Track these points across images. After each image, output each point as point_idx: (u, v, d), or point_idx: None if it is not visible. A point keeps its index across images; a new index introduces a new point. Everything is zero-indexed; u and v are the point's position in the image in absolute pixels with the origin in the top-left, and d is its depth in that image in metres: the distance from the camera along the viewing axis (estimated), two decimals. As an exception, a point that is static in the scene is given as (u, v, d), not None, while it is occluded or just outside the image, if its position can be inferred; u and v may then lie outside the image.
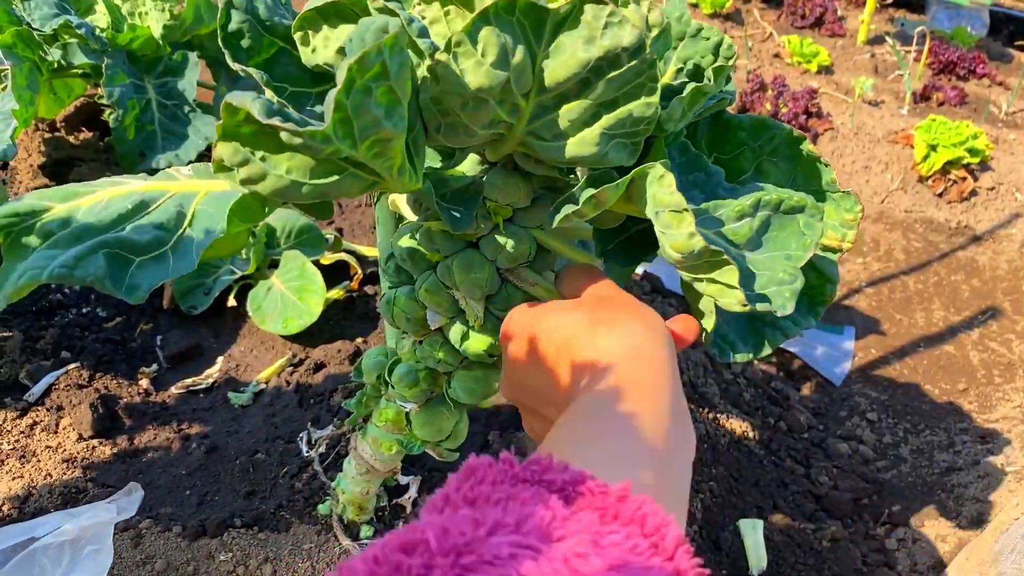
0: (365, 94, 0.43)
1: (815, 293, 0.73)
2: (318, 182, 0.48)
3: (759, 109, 3.07)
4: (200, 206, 0.63)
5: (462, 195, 0.64)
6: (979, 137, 2.85)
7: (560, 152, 0.56)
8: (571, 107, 0.53)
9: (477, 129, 0.55)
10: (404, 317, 0.75)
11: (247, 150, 0.46)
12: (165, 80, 1.84)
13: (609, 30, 0.48)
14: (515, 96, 0.52)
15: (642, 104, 0.53)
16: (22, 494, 1.12)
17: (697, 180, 0.67)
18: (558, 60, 0.50)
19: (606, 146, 0.55)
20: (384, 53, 0.43)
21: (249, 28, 0.61)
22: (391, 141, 0.47)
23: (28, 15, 1.66)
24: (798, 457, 1.69)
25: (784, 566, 1.38)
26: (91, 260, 0.58)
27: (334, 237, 1.73)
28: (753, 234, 0.58)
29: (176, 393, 1.42)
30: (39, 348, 1.42)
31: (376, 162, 0.48)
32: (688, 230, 0.52)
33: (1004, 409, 1.99)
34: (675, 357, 0.57)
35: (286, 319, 1.51)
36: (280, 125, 0.42)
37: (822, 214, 0.58)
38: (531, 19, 0.48)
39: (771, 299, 0.55)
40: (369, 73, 0.43)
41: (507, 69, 0.50)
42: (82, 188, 0.66)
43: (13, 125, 1.51)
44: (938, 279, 2.58)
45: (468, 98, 0.51)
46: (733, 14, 4.06)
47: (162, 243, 0.61)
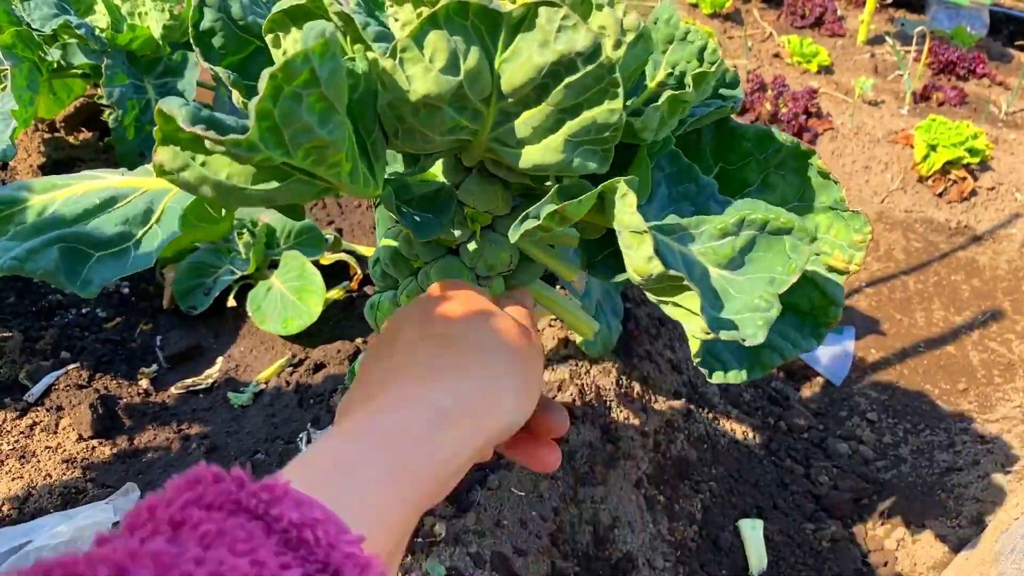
0: (295, 101, 0.42)
1: (819, 315, 0.70)
2: (261, 187, 0.47)
3: (759, 109, 3.07)
4: (171, 203, 0.63)
5: (431, 201, 0.63)
6: (979, 137, 2.85)
7: (525, 159, 0.55)
8: (532, 113, 0.52)
9: (434, 136, 0.54)
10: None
11: (187, 154, 0.45)
12: (165, 80, 1.84)
13: (563, 34, 0.46)
14: (472, 102, 0.50)
15: (605, 110, 0.51)
16: (22, 494, 1.11)
17: (687, 192, 0.65)
18: (514, 64, 0.48)
19: (572, 153, 0.54)
20: (312, 60, 0.41)
21: (222, 27, 0.60)
22: (327, 148, 0.46)
23: (28, 15, 1.66)
24: (798, 457, 1.69)
25: (784, 566, 1.38)
26: (44, 254, 0.58)
27: (334, 237, 1.73)
28: (736, 254, 0.56)
29: (176, 393, 1.42)
30: (39, 348, 1.42)
31: (319, 168, 0.47)
32: (647, 253, 0.50)
33: (1004, 409, 1.99)
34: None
35: (286, 319, 1.51)
36: (201, 133, 0.41)
37: (811, 237, 0.55)
38: (486, 23, 0.47)
39: (740, 326, 0.52)
40: (297, 80, 0.41)
41: (458, 74, 0.48)
42: (61, 180, 0.65)
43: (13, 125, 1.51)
44: (938, 279, 2.58)
45: (418, 105, 0.50)
46: (733, 14, 4.06)
47: (125, 238, 0.61)
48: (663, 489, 1.38)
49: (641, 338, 1.60)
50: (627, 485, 1.29)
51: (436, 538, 1.01)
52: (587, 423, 1.29)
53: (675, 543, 1.31)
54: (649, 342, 1.62)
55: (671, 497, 1.39)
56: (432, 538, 1.01)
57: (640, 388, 1.46)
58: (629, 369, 1.47)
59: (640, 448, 1.36)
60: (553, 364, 1.37)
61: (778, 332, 0.70)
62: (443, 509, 1.07)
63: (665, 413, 1.48)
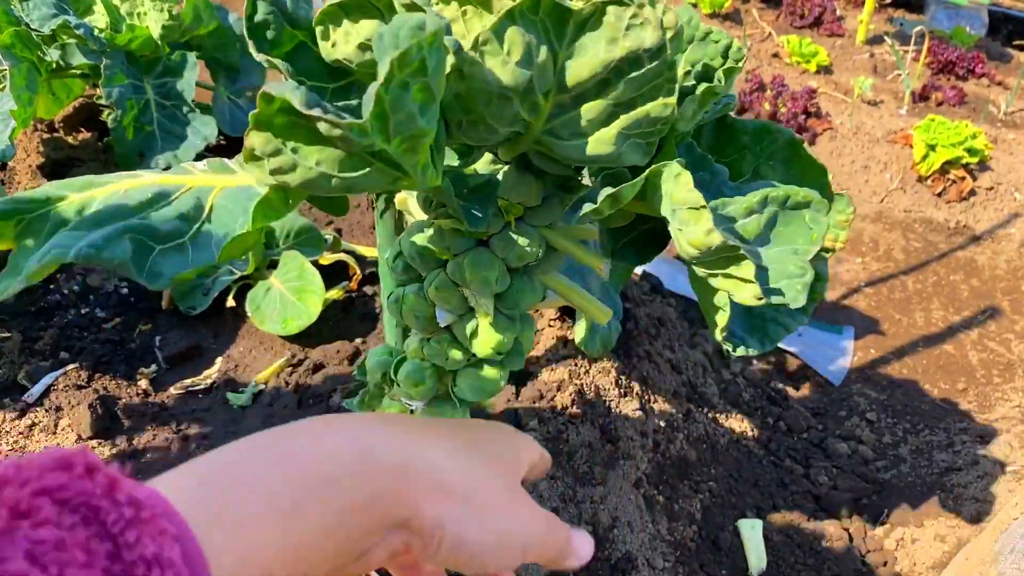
0: (403, 89, 0.44)
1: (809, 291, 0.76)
2: (346, 175, 0.49)
3: (758, 109, 3.07)
4: (217, 200, 0.64)
5: (479, 193, 0.65)
6: (978, 137, 2.85)
7: (577, 151, 0.57)
8: (590, 107, 0.54)
9: (499, 127, 0.56)
10: (413, 315, 0.76)
11: (279, 141, 0.46)
12: (164, 80, 1.84)
13: (631, 31, 0.49)
14: (536, 95, 0.53)
15: (660, 105, 0.54)
16: (21, 495, 1.11)
17: (703, 180, 0.68)
18: (580, 60, 0.51)
19: (622, 146, 0.56)
20: (424, 50, 0.43)
21: (274, 19, 0.62)
22: (422, 138, 0.48)
23: (27, 15, 1.66)
24: (797, 457, 1.70)
25: (784, 566, 1.38)
26: (118, 243, 0.59)
27: (333, 237, 1.73)
28: (761, 230, 0.59)
29: (175, 394, 1.41)
30: (38, 349, 1.42)
31: (405, 157, 0.49)
32: (706, 226, 0.53)
33: (1003, 409, 1.99)
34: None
35: (285, 319, 1.51)
36: (321, 116, 0.42)
37: (827, 209, 0.59)
38: (553, 19, 0.49)
39: (784, 292, 0.57)
40: (408, 69, 0.43)
41: (531, 68, 0.50)
42: (98, 179, 0.67)
43: (12, 125, 1.51)
44: (937, 279, 2.58)
45: (493, 96, 0.52)
46: (732, 14, 4.06)
47: (182, 233, 0.62)
48: (662, 489, 1.38)
49: (640, 338, 1.60)
50: (626, 485, 1.30)
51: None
52: (586, 423, 1.29)
53: (674, 543, 1.31)
54: (648, 342, 1.62)
55: (670, 497, 1.39)
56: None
57: (639, 388, 1.46)
58: (628, 369, 1.47)
59: (639, 448, 1.36)
60: (552, 364, 1.37)
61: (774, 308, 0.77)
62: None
63: (664, 413, 1.48)
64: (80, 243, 0.58)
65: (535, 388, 1.31)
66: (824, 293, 0.75)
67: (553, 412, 1.26)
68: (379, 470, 0.41)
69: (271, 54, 0.63)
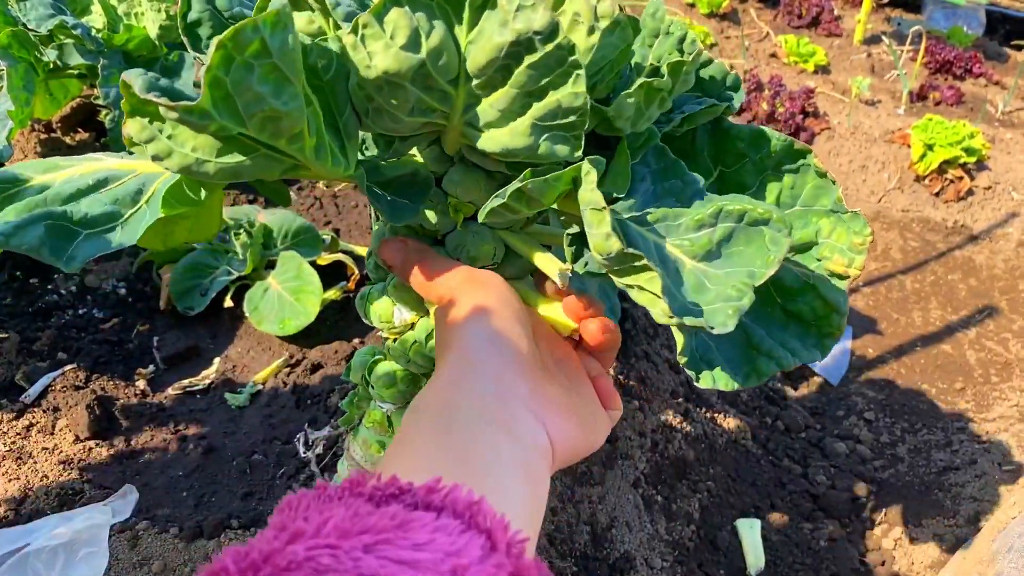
0: (247, 70, 0.43)
1: (822, 324, 0.68)
2: (226, 160, 0.48)
3: (756, 109, 3.07)
4: (160, 186, 0.63)
5: (407, 185, 0.63)
6: (976, 136, 2.86)
7: (494, 143, 0.55)
8: (498, 95, 0.52)
9: (402, 116, 0.54)
10: (376, 314, 0.75)
11: (154, 127, 0.46)
12: (161, 81, 1.84)
13: (521, 13, 0.47)
14: (438, 82, 0.51)
15: (569, 93, 0.51)
16: (18, 496, 1.11)
17: (673, 187, 0.65)
18: (478, 44, 0.49)
19: (539, 138, 0.54)
20: (263, 30, 0.42)
21: (209, 17, 0.61)
22: (282, 119, 0.46)
23: (23, 16, 1.66)
24: (796, 456, 1.70)
25: (782, 566, 1.38)
26: (30, 230, 0.58)
27: (331, 237, 1.72)
28: (713, 246, 0.55)
29: (173, 394, 1.41)
30: (35, 349, 1.42)
31: (279, 142, 0.48)
32: (605, 230, 0.50)
33: (1001, 408, 1.99)
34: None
35: (283, 320, 1.50)
36: (155, 100, 0.42)
37: (790, 228, 0.55)
38: (450, 1, 0.47)
39: (708, 315, 0.51)
40: (248, 50, 0.42)
41: (419, 51, 0.48)
42: (63, 161, 0.66)
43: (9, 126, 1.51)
44: (935, 278, 2.59)
45: (380, 82, 0.51)
46: (730, 14, 4.06)
47: (113, 218, 0.62)
48: (661, 489, 1.38)
49: (639, 338, 1.60)
50: (625, 485, 1.30)
51: (434, 538, 1.01)
52: (585, 423, 1.28)
53: (673, 543, 1.31)
54: (647, 342, 1.62)
55: (669, 497, 1.39)
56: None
57: (638, 388, 1.46)
58: (626, 369, 1.47)
59: (638, 448, 1.36)
60: (551, 364, 1.37)
61: (779, 342, 0.68)
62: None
63: (663, 413, 1.48)
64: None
65: (533, 388, 1.31)
66: (842, 328, 0.66)
67: (551, 412, 1.25)
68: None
69: (205, 52, 0.62)
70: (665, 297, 0.51)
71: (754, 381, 0.67)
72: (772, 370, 0.67)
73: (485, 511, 0.36)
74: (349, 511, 0.34)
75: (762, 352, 0.68)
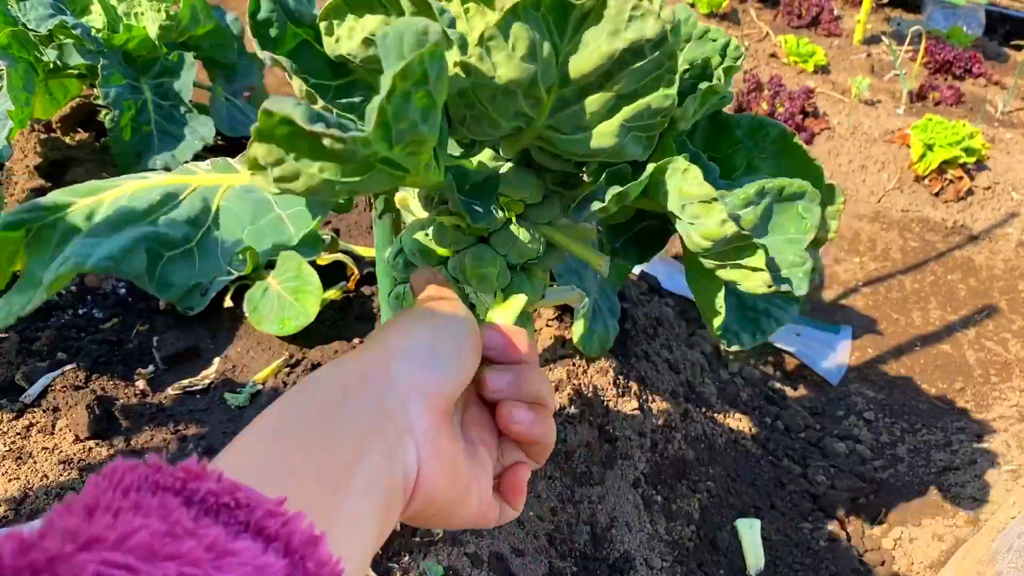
0: (404, 100, 0.44)
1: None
2: (349, 180, 0.49)
3: (755, 109, 3.07)
4: (223, 202, 0.64)
5: (480, 189, 0.65)
6: (975, 136, 2.86)
7: (579, 145, 0.58)
8: (593, 99, 0.55)
9: (502, 121, 0.56)
10: None
11: (281, 151, 0.46)
12: (161, 81, 1.84)
13: (634, 22, 0.50)
14: (539, 90, 0.53)
15: (660, 96, 0.54)
16: (18, 496, 1.11)
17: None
18: (582, 53, 0.52)
19: (624, 139, 0.57)
20: (426, 62, 0.44)
21: (277, 17, 0.63)
22: (424, 142, 0.48)
23: (23, 16, 1.66)
24: (795, 456, 1.70)
25: (781, 566, 1.38)
26: (135, 254, 0.59)
27: (331, 238, 1.72)
28: (758, 221, 0.61)
29: (173, 394, 1.41)
30: (35, 349, 1.42)
31: (407, 160, 0.49)
32: (720, 217, 0.54)
33: (1000, 408, 1.99)
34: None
35: (283, 320, 1.50)
36: (324, 132, 0.43)
37: (819, 198, 0.61)
38: (555, 14, 0.50)
39: (790, 280, 0.59)
40: (411, 80, 0.44)
41: (536, 62, 0.51)
42: (104, 184, 0.67)
43: (9, 126, 1.51)
44: (935, 278, 2.59)
45: (498, 91, 0.53)
46: (730, 14, 4.06)
47: (189, 239, 0.62)
48: (660, 489, 1.38)
49: (638, 338, 1.60)
50: (624, 485, 1.30)
51: (434, 538, 1.01)
52: (584, 423, 1.29)
53: (673, 543, 1.31)
54: (646, 342, 1.62)
55: (668, 497, 1.39)
56: (430, 538, 1.01)
57: (637, 388, 1.46)
58: (626, 369, 1.47)
59: (637, 448, 1.36)
60: (550, 363, 1.37)
61: (767, 301, 0.79)
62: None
63: (662, 413, 1.48)
64: (98, 252, 0.58)
65: (533, 388, 1.31)
66: (816, 280, 0.77)
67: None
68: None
69: (275, 52, 0.63)
70: (767, 269, 0.57)
71: (761, 338, 0.77)
72: (774, 327, 0.78)
73: (319, 556, 0.32)
74: (166, 524, 0.29)
75: (759, 312, 0.78)
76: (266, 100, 0.43)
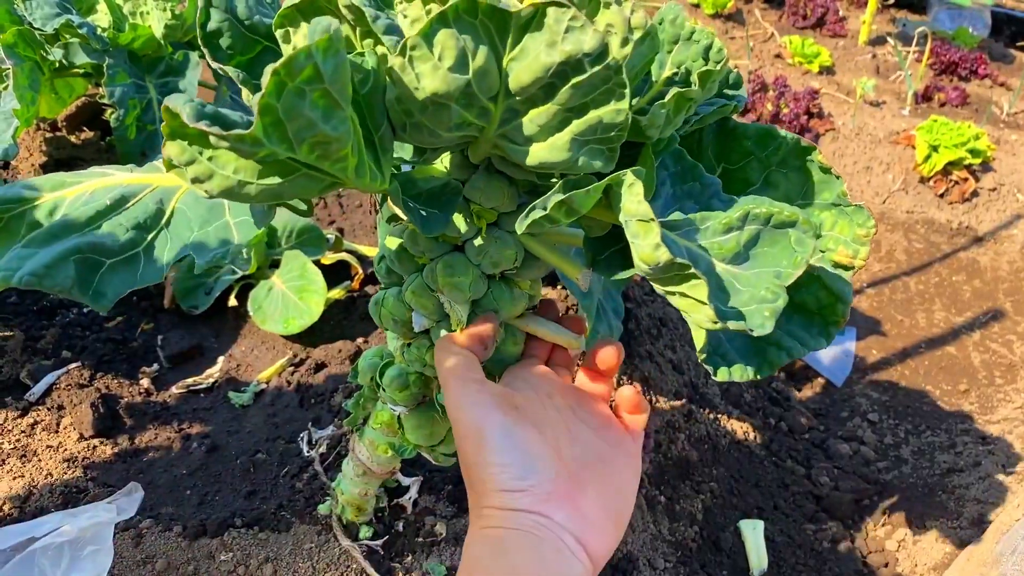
0: (298, 97, 0.43)
1: (827, 313, 0.70)
2: (266, 182, 0.48)
3: (760, 110, 3.07)
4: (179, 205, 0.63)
5: (437, 196, 0.63)
6: (981, 138, 2.85)
7: (532, 156, 0.55)
8: (539, 111, 0.52)
9: (441, 132, 0.54)
10: (391, 319, 0.74)
11: (194, 149, 0.46)
12: (166, 80, 1.84)
13: (571, 34, 0.47)
14: (480, 99, 0.51)
15: (611, 110, 0.51)
16: (23, 493, 1.12)
17: (692, 190, 0.66)
18: (522, 64, 0.49)
19: (578, 152, 0.54)
20: (316, 56, 0.42)
21: (229, 27, 0.60)
22: (332, 143, 0.46)
23: (29, 14, 1.66)
24: (799, 458, 1.69)
25: (785, 567, 1.38)
26: (61, 268, 0.58)
27: (335, 237, 1.73)
28: (740, 248, 0.56)
29: (177, 393, 1.42)
30: (40, 347, 1.42)
31: (325, 163, 0.48)
32: (654, 241, 0.50)
33: (1005, 410, 1.99)
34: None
35: (287, 319, 1.51)
36: (205, 129, 0.42)
37: (816, 230, 0.56)
38: (495, 22, 0.47)
39: (748, 317, 0.53)
40: (300, 76, 0.42)
41: (466, 72, 0.48)
42: (70, 178, 0.65)
43: (15, 124, 1.51)
44: (939, 280, 2.58)
45: (426, 102, 0.51)
46: (735, 14, 4.05)
47: (135, 244, 0.61)
48: (664, 489, 1.38)
49: (642, 338, 1.60)
50: (628, 485, 1.29)
51: (437, 537, 1.01)
52: (588, 423, 1.29)
53: (676, 543, 1.31)
54: (650, 342, 1.62)
55: (672, 497, 1.39)
56: (433, 537, 1.01)
57: (641, 388, 1.46)
58: (630, 369, 1.47)
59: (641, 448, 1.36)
60: (554, 364, 1.37)
61: (786, 332, 0.70)
62: (444, 509, 1.07)
63: (666, 413, 1.48)
64: (25, 267, 0.58)
65: (537, 388, 1.31)
66: (846, 316, 0.69)
67: (554, 412, 1.25)
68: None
69: (228, 63, 0.61)
70: (711, 304, 0.52)
71: (767, 371, 0.69)
72: (783, 360, 0.70)
73: None
74: None
75: (771, 343, 0.70)
76: (166, 98, 0.43)
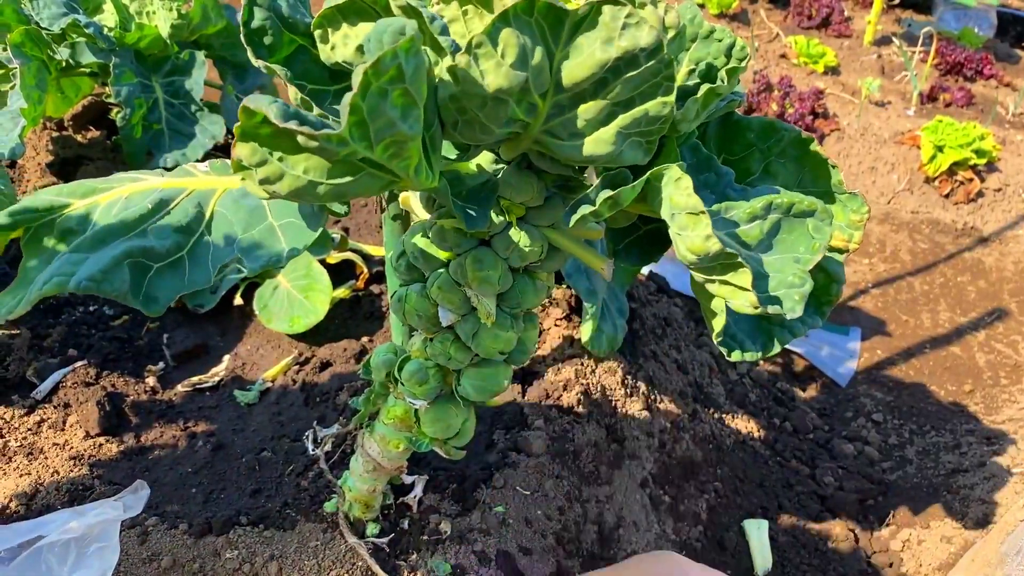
0: (381, 97, 0.44)
1: (821, 293, 0.74)
2: (335, 182, 0.49)
3: (765, 109, 3.07)
4: (218, 208, 0.63)
5: (477, 193, 0.65)
6: (986, 138, 2.85)
7: (576, 151, 0.57)
8: (588, 107, 0.54)
9: (494, 127, 0.56)
10: (416, 314, 0.76)
11: (265, 150, 0.46)
12: (172, 79, 1.85)
13: (627, 31, 0.49)
14: (532, 96, 0.53)
15: (658, 103, 0.53)
16: (29, 491, 1.12)
17: (708, 181, 0.68)
18: (576, 60, 0.50)
19: (621, 145, 0.56)
20: (400, 56, 0.43)
21: (271, 25, 0.62)
22: (406, 142, 0.48)
23: (36, 14, 1.67)
24: (803, 458, 1.69)
25: (789, 567, 1.38)
26: (116, 273, 0.59)
27: (340, 236, 1.73)
28: (764, 236, 0.59)
29: (182, 391, 1.42)
30: (46, 346, 1.43)
31: (392, 162, 0.49)
32: (705, 232, 0.53)
33: (1010, 411, 1.98)
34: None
35: (292, 318, 1.51)
36: (296, 128, 0.42)
37: (832, 218, 0.59)
38: (549, 20, 0.49)
39: (781, 301, 0.56)
40: (385, 76, 0.43)
41: (526, 69, 0.50)
42: (100, 184, 0.66)
43: (21, 124, 1.52)
44: (944, 280, 2.58)
45: (487, 98, 0.52)
46: (740, 14, 4.05)
47: (180, 247, 0.62)
48: (668, 489, 1.38)
49: (647, 338, 1.60)
50: (632, 485, 1.30)
51: (442, 536, 1.01)
52: (592, 423, 1.29)
53: (680, 543, 1.31)
54: (655, 342, 1.62)
55: (676, 497, 1.39)
56: (438, 536, 1.01)
57: (646, 388, 1.46)
58: (635, 369, 1.47)
59: (645, 448, 1.36)
60: (558, 363, 1.37)
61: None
62: (449, 507, 1.07)
63: (671, 413, 1.48)
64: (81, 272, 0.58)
65: (541, 387, 1.32)
66: (840, 295, 0.73)
67: (559, 411, 1.26)
68: None
69: (269, 60, 0.62)
70: (755, 291, 0.55)
71: (772, 349, 0.73)
72: (787, 338, 0.74)
73: None
74: None
75: (773, 323, 0.74)
76: (245, 99, 0.43)
